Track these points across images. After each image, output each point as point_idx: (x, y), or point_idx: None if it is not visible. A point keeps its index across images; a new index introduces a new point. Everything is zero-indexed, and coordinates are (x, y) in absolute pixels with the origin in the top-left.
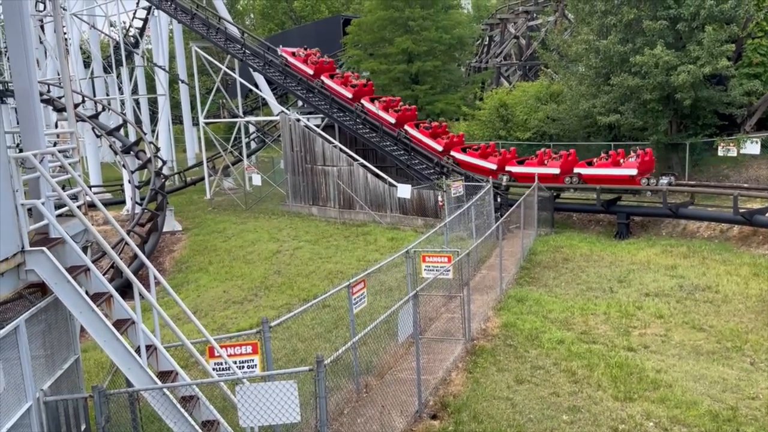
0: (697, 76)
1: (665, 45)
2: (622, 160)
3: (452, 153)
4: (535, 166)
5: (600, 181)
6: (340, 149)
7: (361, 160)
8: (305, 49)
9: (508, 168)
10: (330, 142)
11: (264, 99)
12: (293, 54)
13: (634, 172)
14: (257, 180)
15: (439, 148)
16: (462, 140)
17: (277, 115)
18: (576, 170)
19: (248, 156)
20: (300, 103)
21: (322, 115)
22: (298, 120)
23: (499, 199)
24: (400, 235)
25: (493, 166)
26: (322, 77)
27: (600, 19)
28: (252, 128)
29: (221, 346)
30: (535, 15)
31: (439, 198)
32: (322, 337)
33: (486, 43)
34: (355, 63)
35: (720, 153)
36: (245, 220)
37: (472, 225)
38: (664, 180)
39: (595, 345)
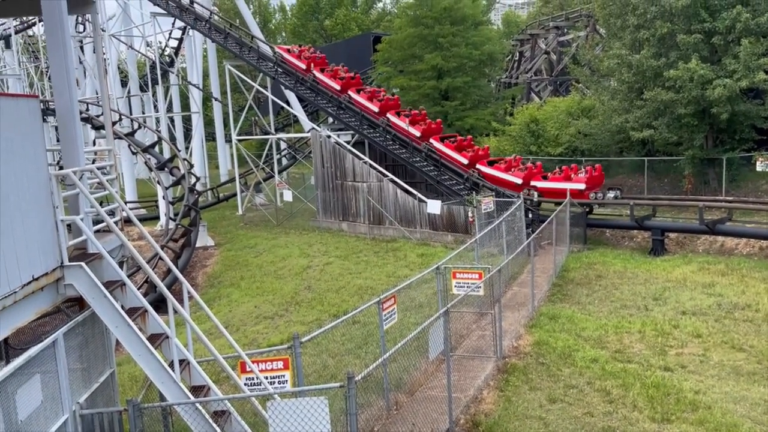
0: (733, 90)
1: (700, 59)
2: (573, 175)
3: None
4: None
5: (553, 194)
6: (370, 165)
7: (391, 176)
8: (299, 46)
9: (533, 183)
10: (360, 158)
11: (295, 116)
12: (288, 51)
13: (582, 186)
14: (288, 196)
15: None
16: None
17: (308, 131)
18: (533, 183)
19: (279, 172)
20: (330, 119)
21: (352, 132)
22: (329, 136)
23: (530, 215)
24: (429, 250)
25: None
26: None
27: (632, 33)
28: (283, 145)
29: (253, 361)
30: (565, 30)
31: (470, 214)
32: (353, 353)
33: (516, 58)
34: (385, 80)
35: (759, 168)
36: (276, 236)
37: (503, 241)
38: (611, 194)
39: (630, 364)
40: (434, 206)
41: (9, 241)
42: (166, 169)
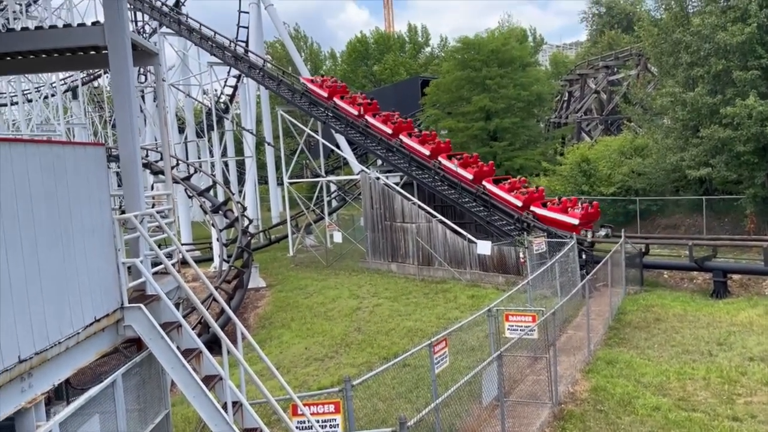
0: None
1: (758, 95)
2: (569, 208)
3: (532, 208)
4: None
5: (548, 222)
6: (419, 206)
7: (440, 217)
8: (329, 78)
9: (532, 208)
10: (409, 200)
11: (345, 159)
12: (312, 81)
13: (575, 221)
14: (338, 237)
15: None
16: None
17: (358, 174)
18: (532, 208)
19: (329, 214)
20: (379, 162)
21: (400, 173)
22: (378, 178)
23: (583, 256)
24: (480, 292)
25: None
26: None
27: (686, 71)
28: (333, 187)
29: (304, 404)
30: (616, 69)
31: (521, 254)
32: (403, 397)
33: (565, 98)
34: (434, 122)
35: None
36: (326, 277)
37: (557, 283)
38: (602, 232)
39: (695, 413)
40: (484, 247)
41: (74, 283)
42: (220, 212)
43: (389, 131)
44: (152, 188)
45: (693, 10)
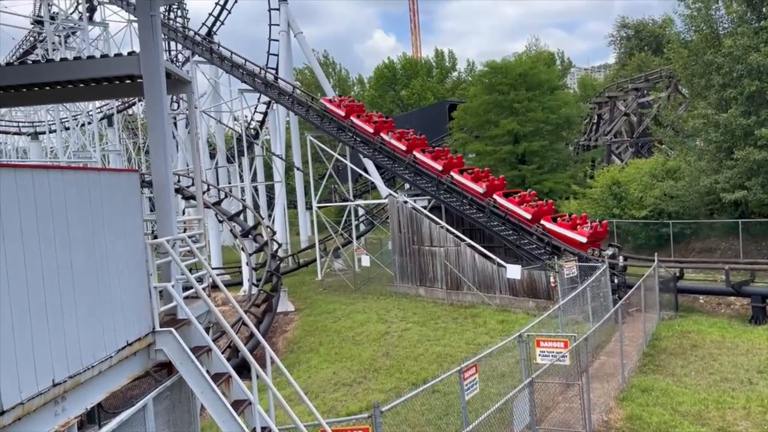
0: None
1: None
2: (578, 226)
3: (542, 222)
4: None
5: (557, 237)
6: (447, 230)
7: (468, 240)
8: (346, 98)
9: (542, 222)
10: (437, 223)
11: (373, 183)
12: (330, 101)
13: (583, 240)
14: (366, 261)
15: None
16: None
17: (386, 197)
18: (542, 222)
19: (357, 238)
20: (407, 185)
21: (428, 197)
22: (406, 202)
23: (615, 280)
24: (510, 317)
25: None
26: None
27: (718, 92)
28: (361, 211)
29: (333, 430)
30: (645, 92)
31: (552, 279)
32: (433, 423)
33: (594, 121)
34: (461, 145)
35: None
36: (354, 301)
37: (588, 308)
38: (609, 251)
39: None
40: (514, 271)
41: (108, 307)
42: (250, 236)
43: (403, 148)
44: (183, 213)
45: (724, 31)
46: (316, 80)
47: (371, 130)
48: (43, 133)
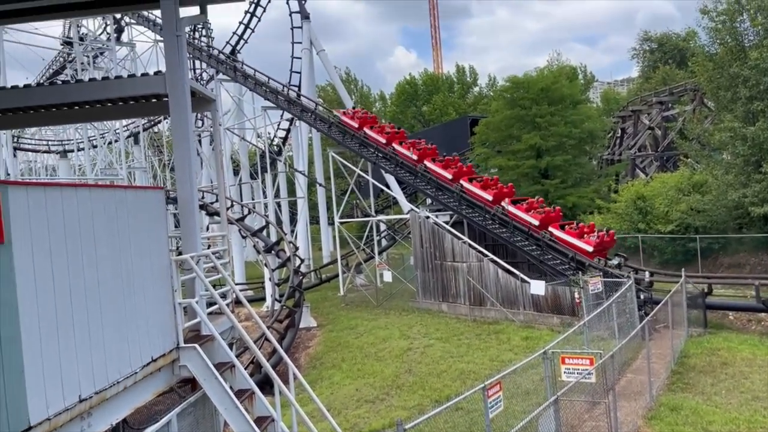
0: None
1: None
2: (586, 234)
3: (550, 228)
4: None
5: (564, 244)
6: (470, 245)
7: (491, 256)
8: (359, 110)
9: (550, 228)
10: (459, 239)
11: (395, 198)
12: (344, 113)
13: (590, 249)
14: (388, 276)
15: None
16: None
17: (407, 213)
18: (550, 228)
19: (380, 253)
20: (429, 200)
21: (450, 212)
22: (428, 217)
23: (641, 296)
24: (534, 333)
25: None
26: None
27: (745, 105)
28: (383, 226)
29: None
30: (670, 105)
31: (576, 295)
32: None
33: (618, 135)
34: (483, 160)
35: None
36: (376, 317)
37: (614, 324)
38: (615, 261)
39: None
40: (538, 287)
41: (134, 324)
42: (272, 251)
43: (414, 157)
44: (207, 229)
45: (749, 43)
46: (338, 97)
47: (384, 141)
48: (72, 151)
